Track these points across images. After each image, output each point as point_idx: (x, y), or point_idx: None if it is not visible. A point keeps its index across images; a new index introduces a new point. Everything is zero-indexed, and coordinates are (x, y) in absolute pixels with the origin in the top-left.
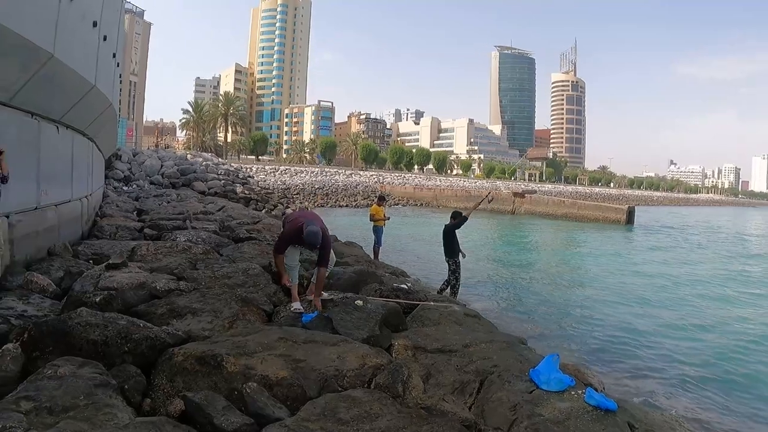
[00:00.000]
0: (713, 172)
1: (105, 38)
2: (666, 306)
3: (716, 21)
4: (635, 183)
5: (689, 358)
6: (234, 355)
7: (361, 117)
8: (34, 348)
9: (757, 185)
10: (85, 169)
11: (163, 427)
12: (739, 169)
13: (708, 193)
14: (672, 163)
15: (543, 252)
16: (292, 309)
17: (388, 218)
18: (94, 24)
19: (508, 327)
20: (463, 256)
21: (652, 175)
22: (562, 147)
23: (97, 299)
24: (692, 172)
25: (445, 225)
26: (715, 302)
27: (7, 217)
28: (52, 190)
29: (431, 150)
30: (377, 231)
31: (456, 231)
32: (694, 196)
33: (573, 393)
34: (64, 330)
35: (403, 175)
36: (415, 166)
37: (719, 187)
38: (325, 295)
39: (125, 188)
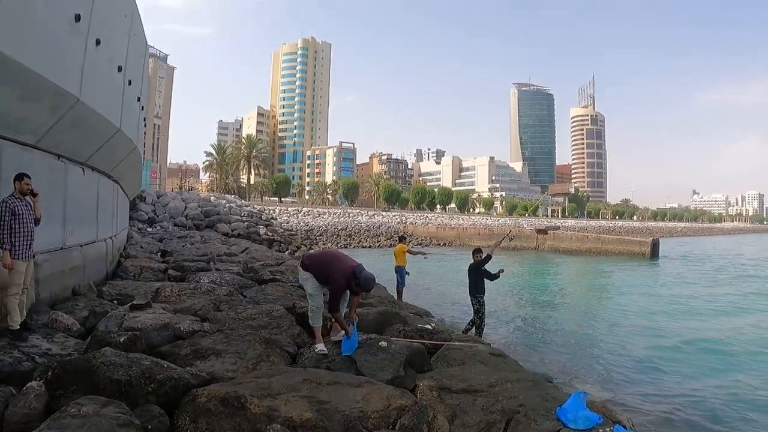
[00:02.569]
0: (737, 199)
1: (130, 82)
2: (695, 341)
3: (736, 45)
4: (659, 215)
5: (719, 394)
6: (258, 397)
7: (383, 158)
8: (58, 386)
9: None
10: (109, 211)
11: None
12: (763, 195)
13: (732, 221)
14: (695, 192)
15: (567, 288)
16: (316, 350)
17: (425, 255)
18: (119, 69)
19: (534, 365)
20: (496, 277)
21: (675, 206)
22: (583, 181)
23: (122, 339)
24: (715, 200)
25: (470, 264)
26: (745, 336)
27: (33, 256)
28: (77, 231)
29: (453, 189)
30: (400, 271)
31: (482, 269)
32: (718, 225)
33: (601, 431)
34: (88, 369)
35: (425, 214)
36: (438, 206)
37: (743, 214)
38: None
39: (149, 229)
